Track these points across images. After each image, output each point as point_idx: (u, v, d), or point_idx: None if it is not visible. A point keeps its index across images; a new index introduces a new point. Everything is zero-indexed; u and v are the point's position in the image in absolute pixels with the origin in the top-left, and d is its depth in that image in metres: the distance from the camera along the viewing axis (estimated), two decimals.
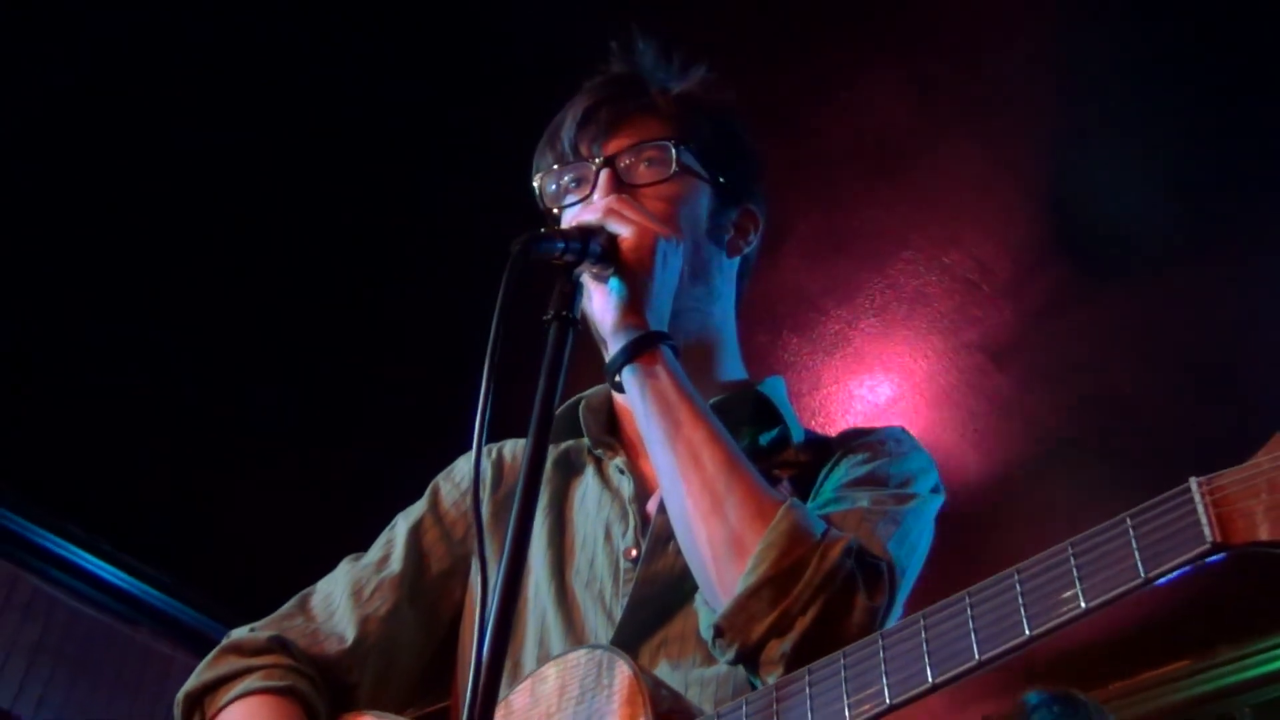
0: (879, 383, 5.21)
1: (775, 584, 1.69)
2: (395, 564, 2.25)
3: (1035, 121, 4.30)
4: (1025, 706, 3.93)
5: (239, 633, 2.19)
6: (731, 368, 2.30)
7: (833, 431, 5.20)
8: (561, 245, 1.86)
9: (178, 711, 2.12)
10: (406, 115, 4.30)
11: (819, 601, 1.68)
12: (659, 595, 1.99)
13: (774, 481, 2.02)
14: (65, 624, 5.80)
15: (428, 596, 2.25)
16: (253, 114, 4.28)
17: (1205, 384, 5.09)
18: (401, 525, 2.31)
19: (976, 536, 5.72)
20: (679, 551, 1.94)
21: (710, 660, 1.91)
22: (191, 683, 2.13)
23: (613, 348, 1.92)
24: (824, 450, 2.16)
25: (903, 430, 2.20)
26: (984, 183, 4.49)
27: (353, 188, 4.50)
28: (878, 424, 5.22)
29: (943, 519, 2.15)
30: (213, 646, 2.16)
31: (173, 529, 5.73)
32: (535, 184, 2.28)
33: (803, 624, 1.67)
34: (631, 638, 1.95)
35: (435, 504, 2.32)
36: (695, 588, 1.91)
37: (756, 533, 1.73)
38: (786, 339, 5.02)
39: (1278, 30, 3.96)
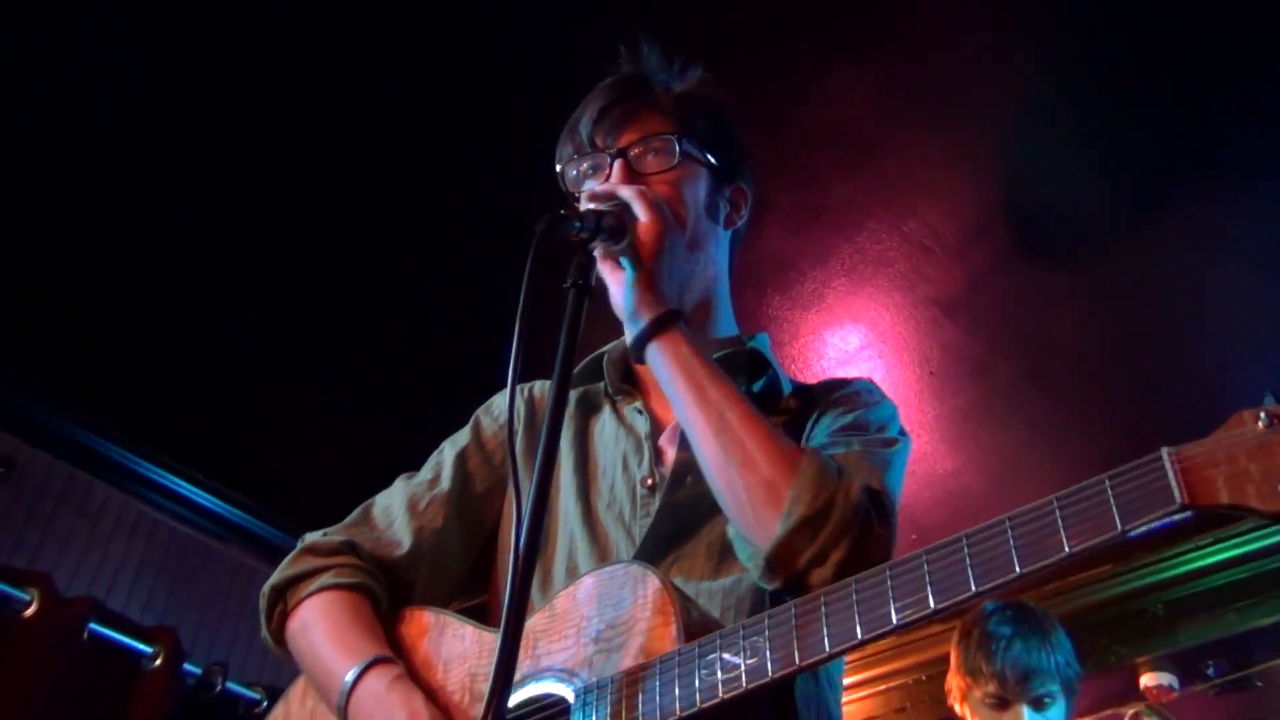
0: (849, 333, 5.22)
1: (811, 523, 1.74)
2: (445, 483, 2.29)
3: (982, 111, 4.29)
4: (983, 612, 3.91)
5: (313, 536, 2.24)
6: (725, 325, 2.32)
7: (810, 375, 5.25)
8: (578, 224, 1.89)
9: (263, 603, 2.17)
10: (462, 107, 4.30)
11: (849, 535, 1.73)
12: (676, 521, 2.03)
13: (773, 418, 2.08)
14: (166, 541, 5.85)
15: (472, 511, 2.29)
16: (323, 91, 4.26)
17: (1130, 331, 5.09)
18: (449, 451, 2.35)
19: (932, 464, 5.77)
20: (693, 485, 2.01)
21: (715, 575, 1.97)
22: (275, 578, 2.17)
23: (634, 327, 1.95)
24: (808, 399, 2.19)
25: (871, 382, 2.23)
26: (937, 163, 4.49)
27: (422, 166, 4.51)
28: (848, 368, 5.27)
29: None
30: None
31: (256, 459, 5.76)
32: (558, 169, 2.30)
33: (837, 555, 1.72)
34: (650, 555, 1.98)
35: (477, 433, 2.36)
36: (705, 516, 2.00)
37: (787, 479, 1.77)
38: (770, 296, 5.03)
39: (1200, 27, 3.95)
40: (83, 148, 4.38)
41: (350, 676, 1.94)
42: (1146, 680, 6.14)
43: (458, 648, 2.02)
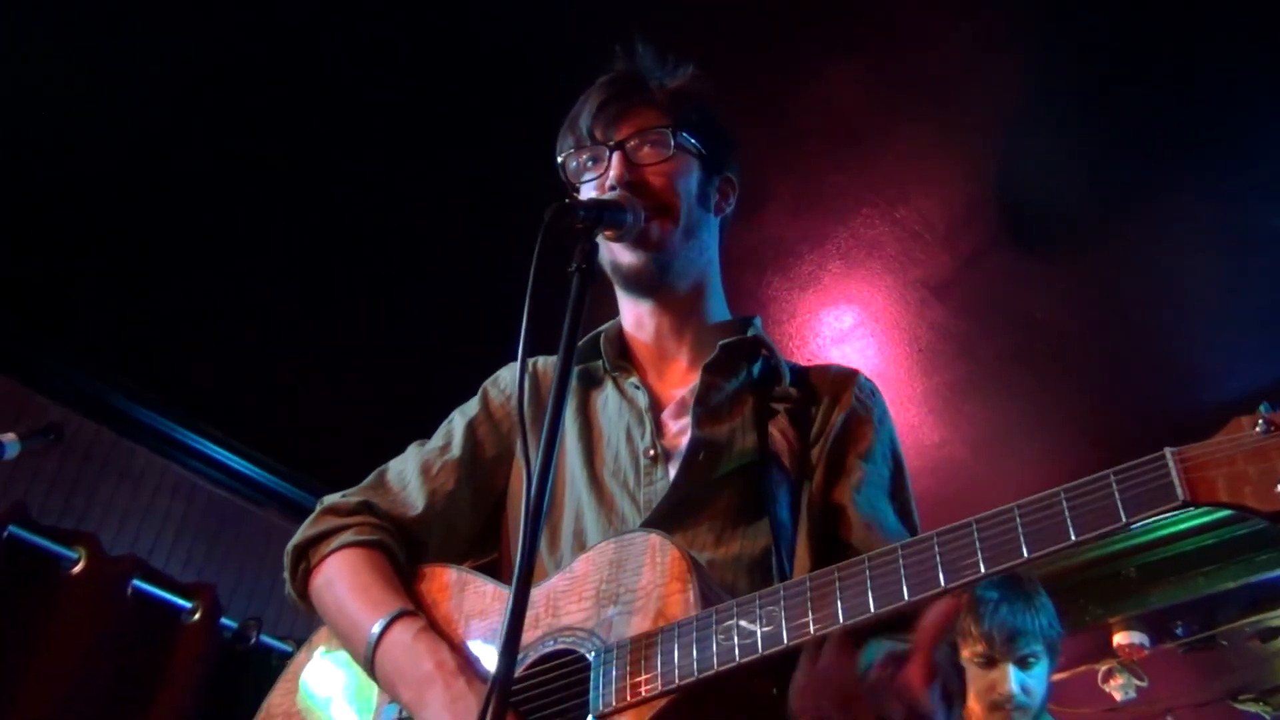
0: (843, 313, 5.22)
1: None
2: (456, 449, 2.32)
3: (970, 104, 4.29)
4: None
5: (333, 498, 2.27)
6: (718, 309, 2.35)
7: (807, 352, 5.23)
8: (582, 213, 1.90)
9: (287, 560, 2.21)
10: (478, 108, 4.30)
11: None
12: (683, 493, 2.03)
13: (771, 415, 2.12)
14: (204, 504, 5.88)
15: (481, 476, 2.31)
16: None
17: (1108, 314, 5.10)
18: (459, 420, 2.38)
19: (920, 435, 5.78)
20: (704, 461, 2.05)
21: (718, 546, 1.99)
22: (297, 537, 2.20)
23: None
24: (809, 388, 2.20)
25: (873, 385, 2.24)
26: (927, 153, 4.49)
27: (444, 152, 4.51)
28: (843, 346, 5.28)
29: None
30: None
31: (288, 427, 5.78)
32: (559, 161, 2.31)
33: None
34: (657, 523, 1.99)
35: (485, 404, 2.38)
36: (712, 490, 2.03)
37: None
38: (769, 278, 5.03)
39: (1181, 18, 3.94)
40: (120, 123, 4.38)
41: (376, 629, 1.96)
42: (1119, 639, 6.18)
43: (479, 604, 2.03)
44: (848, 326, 5.29)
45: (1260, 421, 1.42)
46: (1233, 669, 6.26)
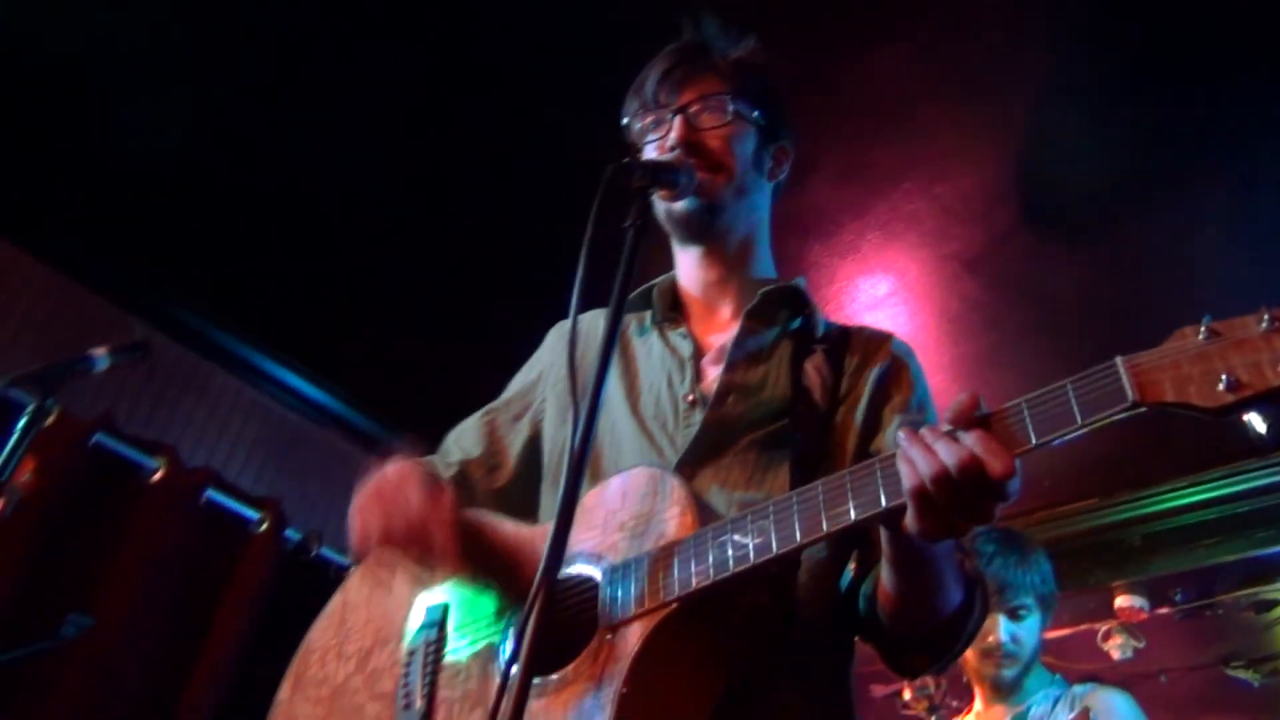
0: (879, 281, 5.22)
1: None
2: (507, 398, 2.43)
3: (1008, 90, 4.26)
4: (972, 533, 3.95)
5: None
6: (765, 267, 2.35)
7: (842, 316, 5.25)
8: (640, 173, 1.91)
9: None
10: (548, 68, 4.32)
11: None
12: (716, 435, 2.04)
13: (806, 362, 2.12)
14: (274, 423, 5.96)
15: (530, 425, 2.36)
16: None
17: (1129, 292, 5.05)
18: (517, 381, 2.46)
19: (944, 402, 5.76)
20: (733, 405, 2.06)
21: (748, 486, 1.98)
22: None
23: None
24: (844, 343, 2.20)
25: (908, 347, 2.23)
26: (966, 135, 4.46)
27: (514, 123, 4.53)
28: (876, 312, 5.26)
29: None
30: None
31: (355, 355, 5.83)
32: (624, 123, 2.33)
33: None
34: (692, 463, 2.01)
35: (536, 359, 2.45)
36: (742, 433, 2.03)
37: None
38: (811, 245, 5.03)
39: (1212, 11, 3.90)
40: (226, 70, 4.43)
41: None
42: (1120, 602, 6.18)
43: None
44: (882, 294, 5.27)
45: (1203, 330, 1.45)
46: (1226, 637, 6.24)
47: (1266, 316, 1.43)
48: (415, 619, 2.05)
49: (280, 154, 4.72)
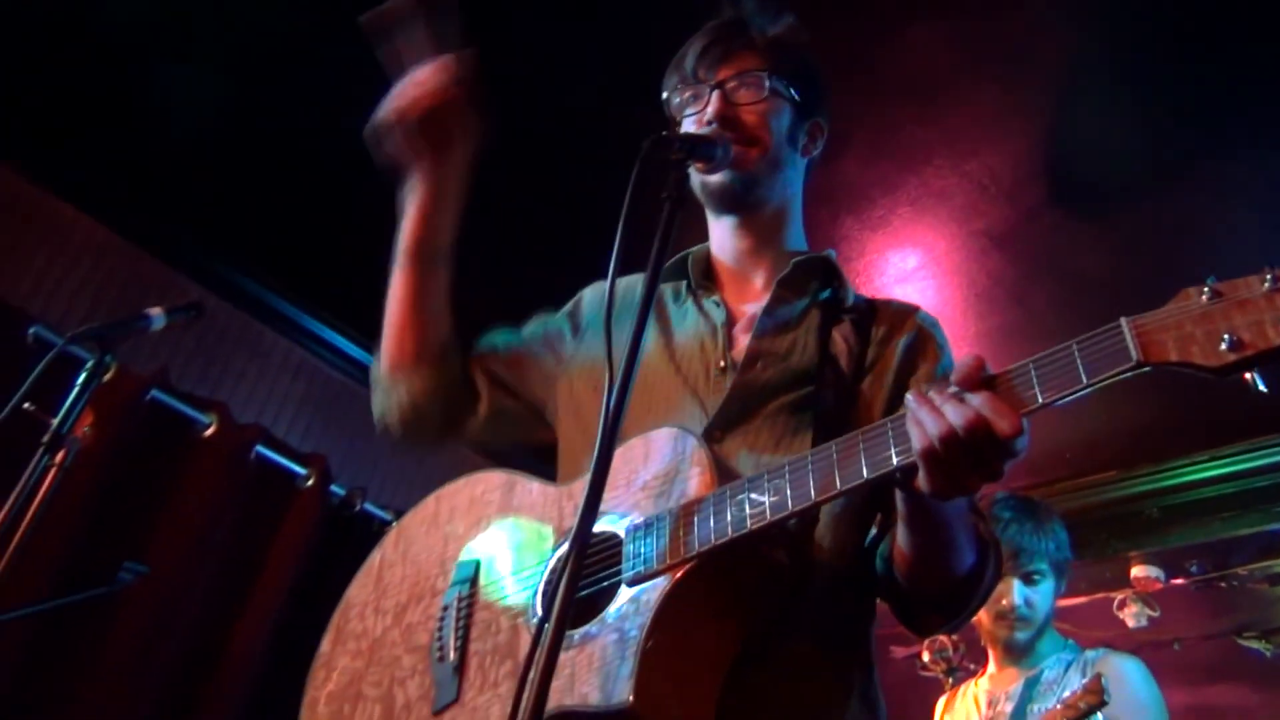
0: (908, 255, 5.20)
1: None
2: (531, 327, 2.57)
3: (1040, 67, 4.22)
4: (992, 500, 3.96)
5: None
6: (796, 239, 2.34)
7: (872, 288, 5.23)
8: (677, 145, 1.91)
9: None
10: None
11: None
12: (745, 400, 2.04)
13: (834, 330, 2.12)
14: (321, 382, 6.01)
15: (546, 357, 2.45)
16: None
17: (1154, 271, 4.99)
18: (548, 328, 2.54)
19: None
20: (762, 370, 2.06)
21: (775, 449, 1.97)
22: None
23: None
24: (871, 312, 2.19)
25: (935, 320, 2.22)
26: (997, 113, 4.43)
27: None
28: (905, 285, 5.25)
29: None
30: None
31: None
32: (664, 97, 2.33)
33: None
34: (722, 426, 2.02)
35: (575, 310, 2.49)
36: (770, 398, 2.03)
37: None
38: (843, 218, 5.01)
39: None
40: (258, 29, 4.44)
41: None
42: (1137, 571, 6.16)
43: (526, 499, 2.07)
44: (911, 268, 5.26)
45: (1206, 290, 1.44)
46: (1240, 608, 6.21)
47: (1269, 276, 1.41)
48: (448, 576, 2.08)
49: (332, 117, 4.72)
